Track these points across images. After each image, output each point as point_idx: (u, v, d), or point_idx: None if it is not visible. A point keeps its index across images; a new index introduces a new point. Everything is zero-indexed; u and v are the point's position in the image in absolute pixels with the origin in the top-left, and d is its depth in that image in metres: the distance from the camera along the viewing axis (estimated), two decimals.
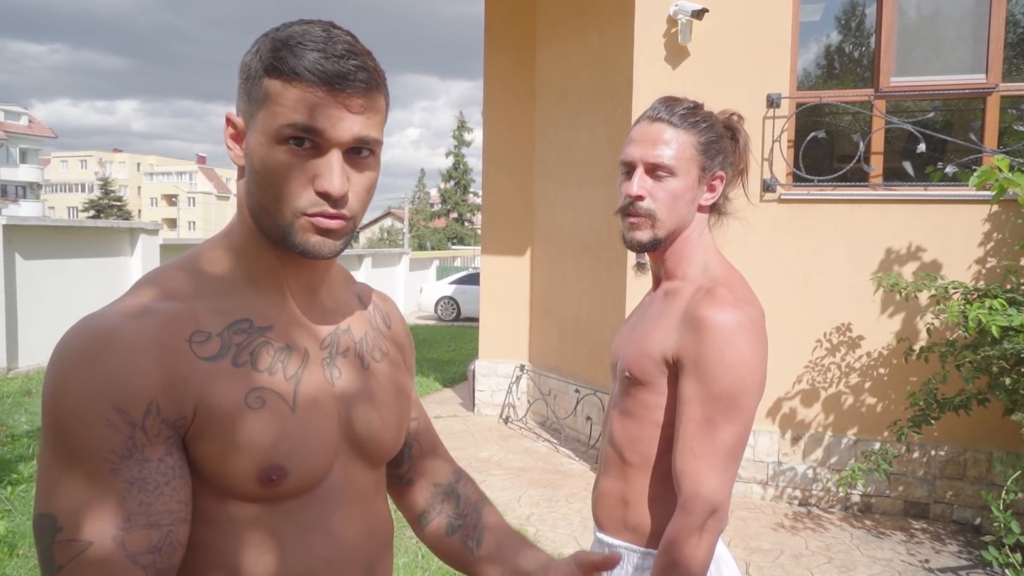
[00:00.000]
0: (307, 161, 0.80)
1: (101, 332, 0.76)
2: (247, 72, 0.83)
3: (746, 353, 1.26)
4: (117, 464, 0.74)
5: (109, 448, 0.74)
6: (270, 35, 0.83)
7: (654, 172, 1.35)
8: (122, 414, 0.74)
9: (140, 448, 0.75)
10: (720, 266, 1.40)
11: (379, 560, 0.96)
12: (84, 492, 0.73)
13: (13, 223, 8.33)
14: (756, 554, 3.93)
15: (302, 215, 0.81)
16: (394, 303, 1.13)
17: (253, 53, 0.83)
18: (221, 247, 0.89)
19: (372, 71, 0.82)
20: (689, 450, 1.26)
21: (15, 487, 4.36)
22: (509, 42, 6.98)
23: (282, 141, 0.80)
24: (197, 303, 0.83)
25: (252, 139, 0.82)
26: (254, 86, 0.82)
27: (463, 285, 16.82)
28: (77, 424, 0.73)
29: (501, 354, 7.15)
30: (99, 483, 0.73)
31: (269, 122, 0.80)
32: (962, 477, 4.45)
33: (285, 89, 0.79)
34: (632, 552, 1.39)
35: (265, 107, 0.80)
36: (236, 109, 0.86)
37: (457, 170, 48.08)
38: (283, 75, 0.79)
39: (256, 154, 0.82)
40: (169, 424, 0.77)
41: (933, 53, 4.82)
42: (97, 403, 0.73)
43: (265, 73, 0.80)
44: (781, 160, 4.68)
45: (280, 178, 0.81)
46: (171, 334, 0.79)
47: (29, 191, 58.62)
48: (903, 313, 4.53)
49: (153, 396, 0.76)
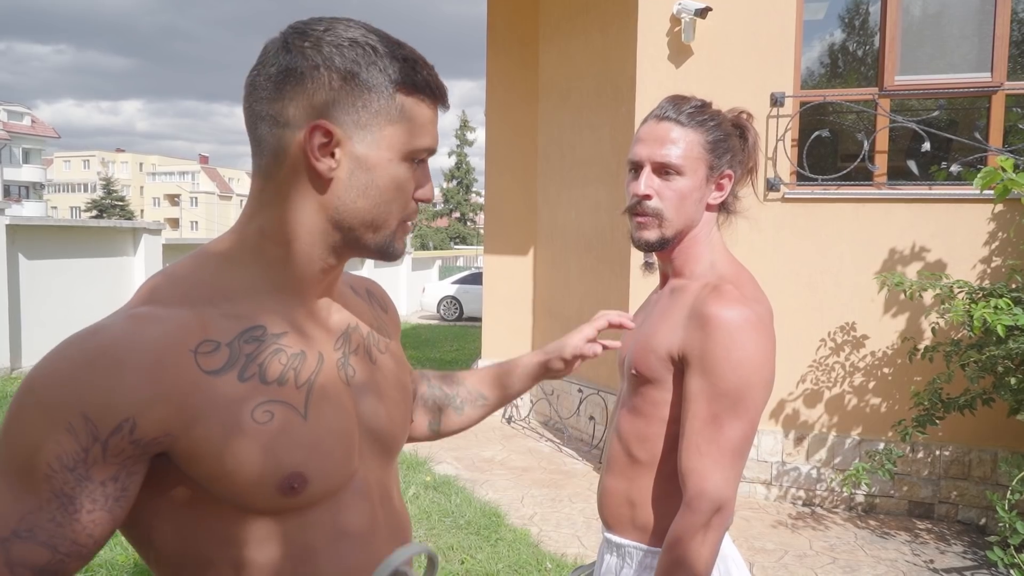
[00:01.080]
0: (415, 171, 0.87)
1: (101, 337, 0.74)
2: (356, 81, 0.80)
3: (752, 350, 1.25)
4: (54, 473, 0.70)
5: (55, 454, 0.70)
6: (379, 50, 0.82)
7: (662, 171, 1.35)
8: (88, 423, 0.71)
9: (89, 464, 0.71)
10: (728, 264, 1.39)
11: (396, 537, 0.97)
12: (5, 485, 0.71)
13: (16, 223, 8.33)
14: (760, 554, 3.92)
15: (404, 222, 0.88)
16: (381, 287, 1.14)
17: (367, 63, 0.81)
18: (237, 249, 0.86)
19: None
20: (694, 447, 1.26)
21: None
22: (512, 42, 6.97)
23: (409, 159, 0.84)
24: (208, 309, 0.80)
25: (375, 154, 0.83)
26: (379, 100, 0.82)
27: (466, 285, 16.82)
28: (38, 420, 0.71)
29: (504, 354, 7.12)
30: (23, 482, 0.70)
31: (404, 140, 0.83)
32: (967, 477, 4.44)
33: (419, 107, 0.84)
34: (638, 550, 1.38)
35: (399, 124, 0.83)
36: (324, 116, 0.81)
37: (460, 169, 48.07)
38: (419, 93, 0.84)
39: (383, 170, 0.83)
40: (140, 444, 0.73)
41: (938, 51, 4.80)
42: (68, 405, 0.70)
43: (396, 88, 0.82)
44: (785, 159, 4.67)
45: (403, 193, 0.85)
46: (175, 345, 0.76)
47: (32, 191, 58.74)
48: (907, 312, 4.51)
49: (131, 413, 0.72)
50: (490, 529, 4.11)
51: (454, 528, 4.13)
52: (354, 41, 0.81)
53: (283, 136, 0.82)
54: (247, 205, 0.88)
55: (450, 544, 3.90)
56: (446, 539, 3.96)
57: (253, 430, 0.78)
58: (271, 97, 0.82)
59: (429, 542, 3.93)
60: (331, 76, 0.80)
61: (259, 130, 0.84)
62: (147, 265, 9.98)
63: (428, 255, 24.99)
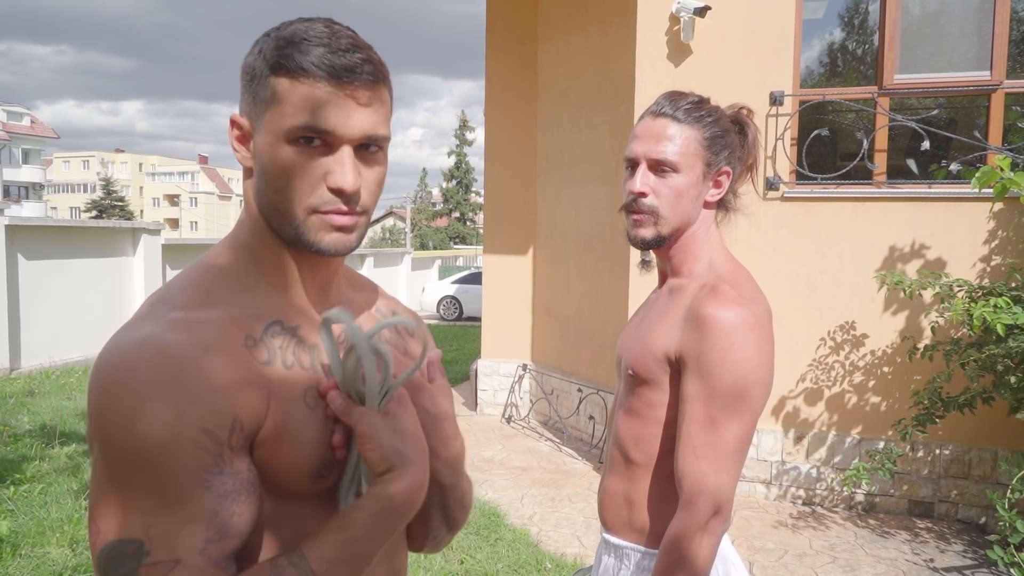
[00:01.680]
0: (318, 159, 0.80)
1: (167, 351, 0.74)
2: (251, 73, 0.82)
3: (749, 351, 1.24)
4: (210, 482, 0.74)
5: (202, 468, 0.74)
6: (272, 34, 0.82)
7: (657, 168, 1.33)
8: (210, 435, 0.74)
9: (229, 462, 0.76)
10: (726, 263, 1.38)
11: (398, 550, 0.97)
12: (174, 513, 0.73)
13: (16, 223, 8.33)
14: (760, 554, 3.91)
15: (314, 213, 0.81)
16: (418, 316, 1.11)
17: (256, 54, 0.82)
18: (232, 251, 0.88)
19: (377, 64, 0.83)
20: (691, 449, 1.25)
21: (18, 487, 4.35)
22: (511, 41, 6.97)
23: (292, 141, 0.80)
24: (234, 309, 0.82)
25: (260, 140, 0.82)
26: (260, 86, 0.81)
27: (465, 284, 16.82)
28: (166, 451, 0.72)
29: (503, 353, 7.14)
30: (190, 501, 0.73)
31: (278, 122, 0.80)
32: (967, 476, 4.43)
33: (292, 86, 0.79)
34: (635, 551, 1.38)
35: (273, 107, 0.80)
36: (240, 111, 0.85)
37: (459, 169, 48.07)
38: (289, 72, 0.79)
39: (265, 154, 0.81)
40: (248, 436, 0.78)
41: (937, 50, 4.80)
42: (186, 427, 0.73)
43: (271, 72, 0.80)
44: (784, 158, 4.66)
45: (292, 177, 0.80)
46: (232, 343, 0.79)
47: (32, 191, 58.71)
48: (907, 311, 4.51)
49: (235, 413, 0.76)
50: (490, 529, 4.11)
51: None
52: (273, 36, 0.83)
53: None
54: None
55: (450, 544, 3.89)
56: None
57: (308, 415, 0.82)
58: None
59: None
60: (244, 72, 0.84)
61: None
62: (146, 265, 9.97)
63: (428, 255, 25.00)
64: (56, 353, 8.81)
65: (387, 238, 54.41)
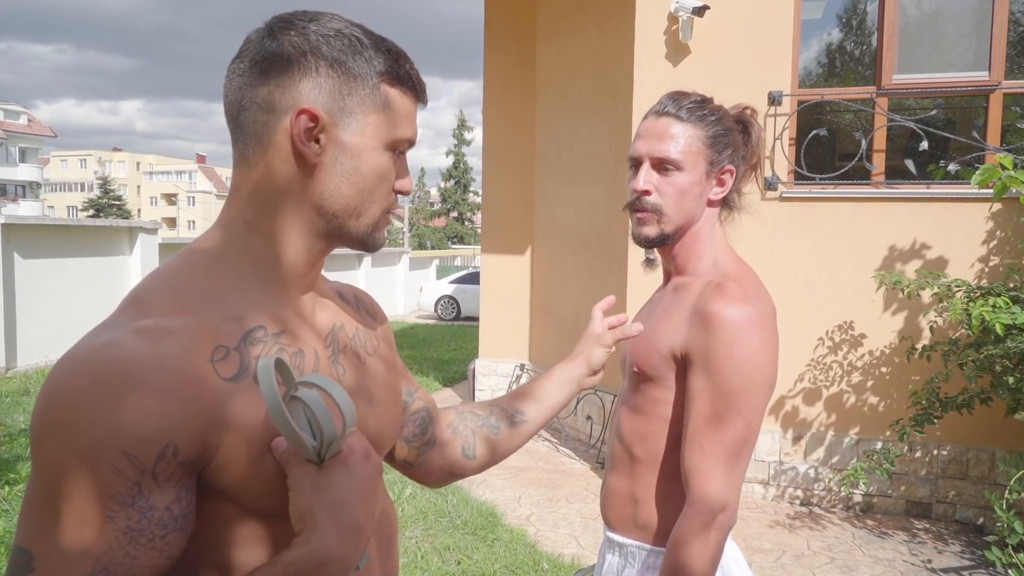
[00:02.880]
0: (395, 164, 0.88)
1: (116, 362, 0.69)
2: (343, 68, 0.82)
3: (755, 349, 1.25)
4: (115, 512, 0.68)
5: (109, 495, 0.68)
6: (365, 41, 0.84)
7: (661, 167, 1.34)
8: (131, 459, 0.68)
9: (146, 495, 0.69)
10: (731, 261, 1.38)
11: (388, 554, 0.95)
12: (70, 536, 0.68)
13: (12, 222, 8.30)
14: (757, 554, 3.91)
15: (387, 212, 0.89)
16: (366, 293, 1.13)
17: (353, 53, 0.83)
18: (222, 247, 0.84)
19: None
20: (697, 446, 1.25)
21: (12, 487, 4.33)
22: (509, 40, 6.96)
23: (392, 148, 0.86)
24: (211, 313, 0.78)
25: (360, 141, 0.84)
26: (361, 86, 0.83)
27: (463, 284, 16.80)
28: (79, 466, 0.67)
29: (501, 353, 7.13)
30: (88, 529, 0.68)
31: (388, 130, 0.85)
32: (965, 477, 4.43)
33: (402, 99, 0.86)
34: (641, 550, 1.38)
35: (383, 113, 0.84)
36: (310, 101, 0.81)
37: (457, 169, 48.07)
38: (402, 85, 0.86)
39: (367, 157, 0.84)
40: (186, 465, 0.71)
41: (935, 50, 4.79)
42: (105, 446, 0.67)
43: (381, 78, 0.84)
44: (783, 158, 4.66)
45: (383, 181, 0.86)
46: (194, 358, 0.73)
47: (28, 190, 58.59)
48: (905, 311, 4.51)
49: (171, 438, 0.70)
50: (487, 529, 4.10)
51: (451, 528, 4.11)
52: (339, 31, 0.83)
53: (267, 122, 0.82)
54: (229, 198, 0.86)
55: (447, 544, 3.89)
56: (443, 539, 3.95)
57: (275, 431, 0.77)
58: (255, 84, 0.82)
59: (426, 543, 3.92)
60: (318, 63, 0.81)
61: (241, 118, 0.83)
62: (143, 264, 9.94)
63: (425, 255, 24.97)
64: (52, 352, 8.78)
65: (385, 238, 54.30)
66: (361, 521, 0.75)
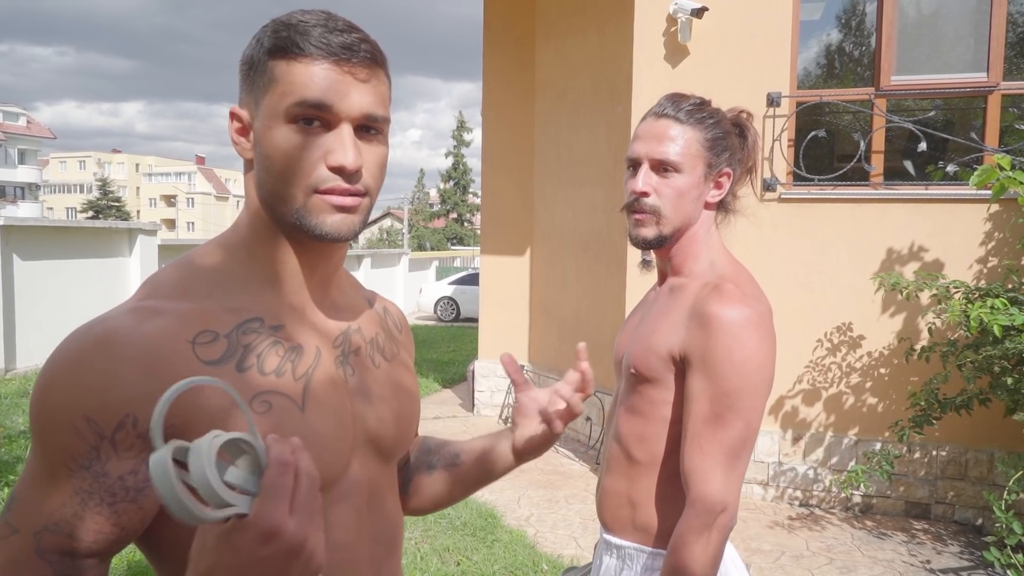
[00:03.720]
0: (317, 138, 0.79)
1: (98, 334, 0.74)
2: (249, 63, 0.83)
3: (754, 349, 1.25)
4: (73, 471, 0.73)
5: (69, 455, 0.72)
6: (269, 24, 0.83)
7: (660, 168, 1.34)
8: (91, 424, 0.72)
9: (103, 461, 0.72)
10: (727, 262, 1.39)
11: (387, 560, 0.95)
12: (37, 486, 0.74)
13: (11, 223, 8.30)
14: (756, 555, 3.91)
15: (314, 192, 0.80)
16: (396, 306, 1.12)
17: (255, 43, 0.82)
18: (231, 243, 0.87)
19: (374, 46, 0.83)
20: (697, 448, 1.25)
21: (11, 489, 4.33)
22: (508, 41, 6.96)
23: (291, 120, 0.79)
24: (208, 302, 0.81)
25: (259, 125, 0.81)
26: (258, 73, 0.81)
27: (462, 285, 16.80)
28: (48, 425, 0.73)
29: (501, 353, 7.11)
30: (50, 482, 0.73)
31: (276, 103, 0.79)
32: (964, 477, 4.43)
33: (291, 67, 0.79)
34: (641, 552, 1.37)
35: (271, 89, 0.80)
36: (239, 103, 0.85)
37: (456, 170, 48.05)
38: (288, 53, 0.79)
39: (265, 139, 0.81)
40: (144, 436, 0.73)
41: (934, 51, 4.80)
42: (70, 409, 0.72)
43: (269, 56, 0.80)
44: (781, 159, 4.67)
45: (291, 158, 0.79)
46: (173, 337, 0.76)
47: (28, 192, 58.55)
48: (904, 313, 4.51)
49: (130, 409, 0.72)
50: (486, 530, 4.10)
51: (450, 529, 4.11)
52: (264, 27, 0.83)
53: None
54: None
55: (446, 545, 3.89)
56: (442, 540, 3.95)
57: (256, 420, 0.77)
58: None
59: (425, 544, 3.92)
60: (240, 65, 0.84)
61: None
62: (143, 266, 9.94)
63: (425, 256, 24.98)
64: None
65: (384, 239, 54.35)
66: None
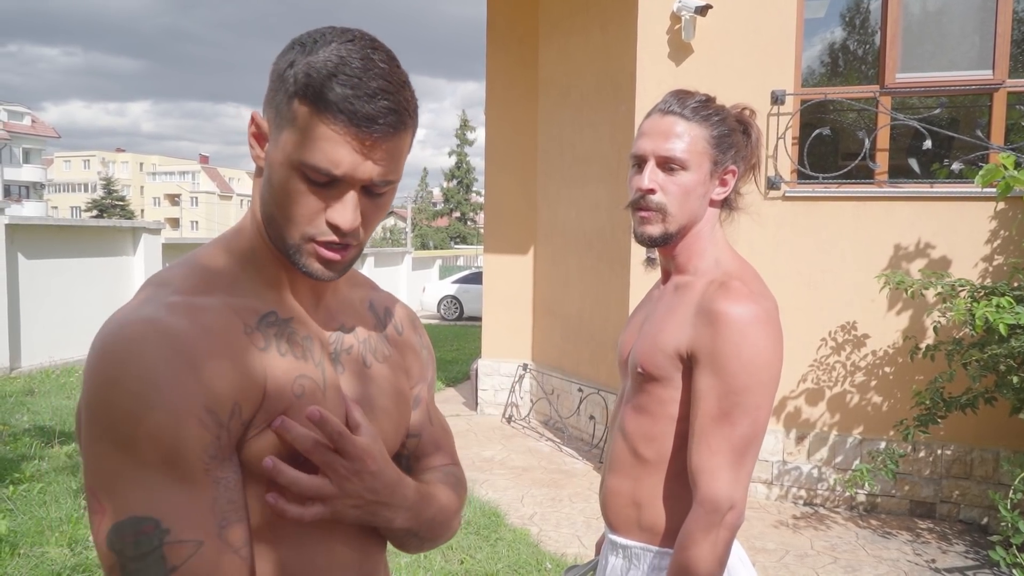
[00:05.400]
0: (322, 191, 0.80)
1: (169, 331, 0.75)
2: (280, 82, 0.80)
3: (763, 347, 1.25)
4: (208, 464, 0.75)
5: (202, 448, 0.74)
6: (307, 51, 0.79)
7: (666, 165, 1.33)
8: (212, 414, 0.75)
9: (223, 447, 0.76)
10: (732, 260, 1.38)
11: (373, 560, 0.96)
12: (183, 493, 0.73)
13: (16, 222, 8.33)
14: (761, 554, 3.90)
15: (310, 241, 0.82)
16: (413, 313, 1.11)
17: (288, 64, 0.80)
18: (231, 246, 0.89)
19: (402, 111, 0.80)
20: (705, 446, 1.25)
21: (17, 487, 4.34)
22: (511, 40, 6.95)
23: (299, 171, 0.79)
24: (226, 297, 0.83)
25: (274, 153, 0.81)
26: (283, 101, 0.80)
27: (466, 284, 16.81)
28: (171, 425, 0.72)
29: (504, 353, 7.12)
30: (195, 483, 0.74)
31: (293, 149, 0.79)
32: (969, 476, 4.42)
33: (311, 120, 0.77)
34: (647, 552, 1.37)
35: (292, 128, 0.79)
36: (263, 109, 0.84)
37: (460, 169, 48.04)
38: (313, 104, 0.77)
39: (275, 171, 0.81)
40: (245, 423, 0.78)
41: (939, 49, 4.78)
42: (192, 403, 0.73)
43: (295, 95, 0.78)
44: (786, 157, 4.65)
45: (293, 203, 0.80)
46: (233, 328, 0.80)
47: (32, 191, 58.71)
48: (909, 311, 4.50)
49: (236, 398, 0.77)
50: (490, 529, 4.10)
51: None
52: (303, 45, 0.81)
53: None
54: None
55: (450, 544, 3.89)
56: None
57: (294, 403, 0.82)
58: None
59: None
60: (272, 72, 0.83)
61: None
62: (147, 265, 9.97)
63: (428, 255, 24.99)
64: (56, 352, 8.80)
65: (388, 238, 54.39)
66: None
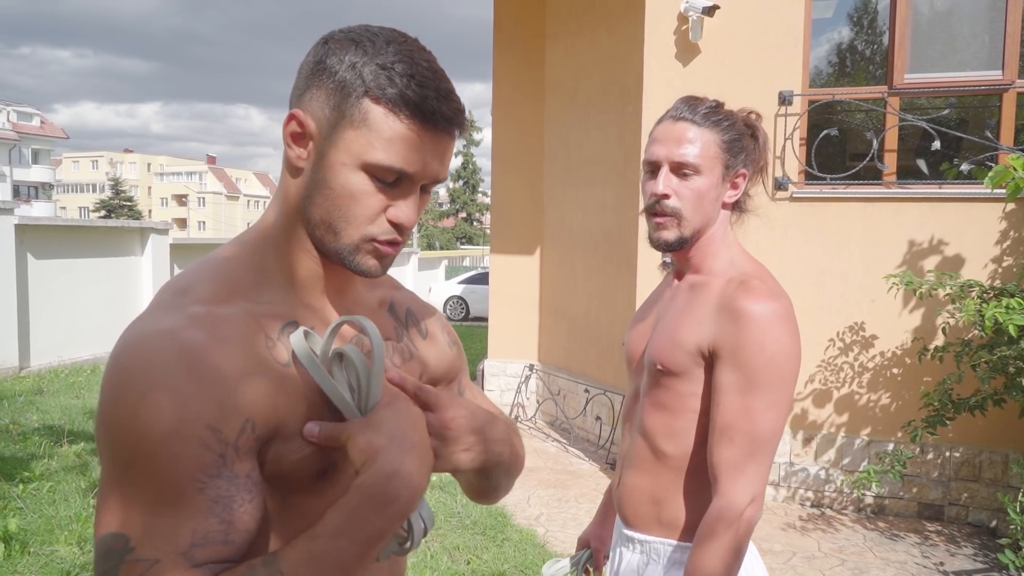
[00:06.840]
0: (389, 189, 0.80)
1: (186, 345, 0.73)
2: (340, 83, 0.79)
3: (785, 342, 1.28)
4: (205, 483, 0.73)
5: (199, 468, 0.72)
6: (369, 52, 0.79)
7: (679, 171, 1.37)
8: (216, 433, 0.73)
9: (230, 465, 0.74)
10: (747, 261, 1.42)
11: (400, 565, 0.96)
12: (162, 515, 0.72)
13: (25, 223, 8.37)
14: (768, 556, 3.89)
15: (371, 241, 0.82)
16: (439, 314, 1.10)
17: (348, 66, 0.78)
18: (259, 242, 0.87)
19: (463, 112, 0.82)
20: (727, 440, 1.28)
21: (27, 485, 4.37)
22: (518, 41, 6.96)
23: (368, 171, 0.79)
24: (247, 305, 0.81)
25: (332, 155, 0.80)
26: (348, 102, 0.78)
27: (472, 285, 16.83)
28: (167, 444, 0.71)
29: (510, 354, 7.12)
30: (182, 502, 0.72)
31: (361, 148, 0.78)
32: (977, 479, 4.40)
33: (386, 118, 0.77)
34: (667, 546, 1.40)
35: (360, 128, 0.78)
36: (303, 108, 0.82)
37: (466, 170, 48.08)
38: (391, 105, 0.77)
39: (335, 173, 0.80)
40: (261, 439, 0.77)
41: (948, 49, 4.76)
42: (192, 423, 0.72)
43: (366, 94, 0.78)
44: (793, 158, 4.64)
45: (358, 204, 0.80)
46: (254, 341, 0.78)
47: (41, 191, 59.06)
48: (917, 312, 4.48)
49: (250, 414, 0.75)
50: (496, 529, 4.10)
51: (460, 528, 4.11)
52: (353, 40, 0.80)
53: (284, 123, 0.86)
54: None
55: (456, 544, 3.89)
56: (452, 539, 3.95)
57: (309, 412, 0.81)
58: (294, 85, 0.86)
59: (435, 542, 3.92)
60: (324, 73, 0.81)
61: None
62: (154, 265, 10.01)
63: (434, 255, 25.02)
64: (65, 352, 8.84)
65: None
66: (418, 441, 0.78)
